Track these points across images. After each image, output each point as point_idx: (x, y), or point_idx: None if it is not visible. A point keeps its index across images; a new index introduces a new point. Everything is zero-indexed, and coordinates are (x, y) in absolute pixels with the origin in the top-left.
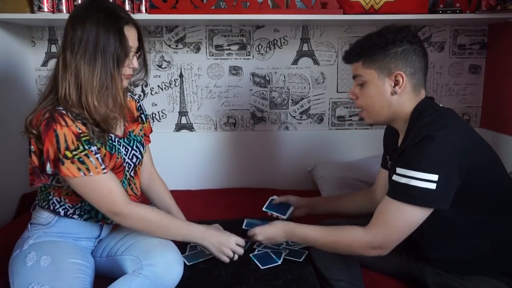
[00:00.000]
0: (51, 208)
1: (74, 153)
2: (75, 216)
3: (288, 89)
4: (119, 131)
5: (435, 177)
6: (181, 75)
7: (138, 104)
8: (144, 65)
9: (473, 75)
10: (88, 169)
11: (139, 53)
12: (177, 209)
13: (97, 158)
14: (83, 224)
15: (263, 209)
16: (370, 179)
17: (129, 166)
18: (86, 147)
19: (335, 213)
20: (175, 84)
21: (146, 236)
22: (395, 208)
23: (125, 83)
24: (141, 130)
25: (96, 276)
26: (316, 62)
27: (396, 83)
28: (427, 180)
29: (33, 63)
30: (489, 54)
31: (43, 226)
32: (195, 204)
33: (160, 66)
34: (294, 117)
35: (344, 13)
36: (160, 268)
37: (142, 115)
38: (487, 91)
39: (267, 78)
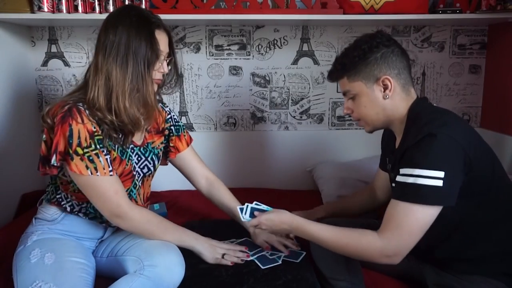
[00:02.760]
0: (58, 203)
1: (85, 150)
2: (81, 214)
3: (288, 89)
4: (138, 139)
5: (441, 173)
6: (181, 75)
7: (169, 115)
8: (175, 71)
9: (473, 75)
10: (96, 169)
11: (170, 59)
12: (233, 202)
13: (106, 159)
14: (87, 224)
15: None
16: (370, 179)
17: (138, 175)
18: (98, 146)
19: (341, 214)
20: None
21: None
22: (405, 210)
23: (155, 87)
24: (161, 143)
25: (96, 276)
26: (316, 62)
27: (385, 87)
28: (433, 178)
29: (33, 63)
30: (489, 54)
31: (48, 222)
32: (195, 204)
33: None
34: (294, 117)
35: (344, 13)
36: (162, 269)
37: (172, 127)
38: (487, 91)
39: (267, 78)
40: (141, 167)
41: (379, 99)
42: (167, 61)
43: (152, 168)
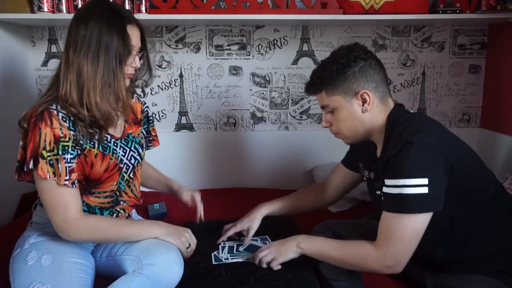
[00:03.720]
0: None
1: (48, 154)
2: None
3: (288, 89)
4: (117, 132)
5: (425, 180)
6: (181, 75)
7: (145, 106)
8: (147, 65)
9: (473, 75)
10: (54, 173)
11: (142, 53)
12: (159, 174)
13: (66, 167)
14: None
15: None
16: None
17: (128, 167)
18: (60, 152)
19: (292, 213)
20: (175, 84)
21: None
22: (395, 220)
23: (128, 82)
24: (141, 131)
25: (96, 276)
26: (316, 62)
27: (364, 101)
28: (418, 185)
29: (33, 63)
30: (489, 54)
31: (44, 225)
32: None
33: (160, 66)
34: (294, 117)
35: (344, 13)
36: (160, 268)
37: (150, 117)
38: (487, 91)
39: (267, 78)
40: (128, 158)
41: (358, 112)
42: (139, 55)
43: (138, 157)
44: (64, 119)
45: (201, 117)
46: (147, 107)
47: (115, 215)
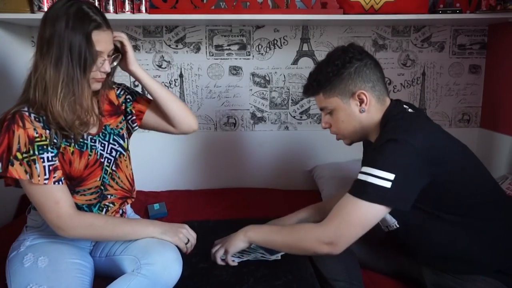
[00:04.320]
0: None
1: (24, 155)
2: None
3: (288, 89)
4: (92, 130)
5: (391, 176)
6: (181, 75)
7: (118, 90)
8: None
9: (473, 75)
10: (31, 175)
11: (115, 55)
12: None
13: (44, 166)
14: None
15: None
16: None
17: (109, 160)
18: (37, 152)
19: None
20: (175, 84)
21: None
22: (350, 203)
23: (97, 86)
24: (120, 122)
25: (95, 276)
26: (316, 62)
27: (361, 102)
28: (382, 178)
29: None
30: (489, 54)
31: (39, 228)
32: (195, 204)
33: (160, 66)
34: (294, 117)
35: (344, 13)
36: (159, 267)
37: (129, 96)
38: (487, 91)
39: (267, 78)
40: (108, 152)
41: (356, 113)
42: (111, 58)
43: (120, 149)
44: (37, 119)
45: (201, 117)
46: (122, 89)
47: (104, 210)
